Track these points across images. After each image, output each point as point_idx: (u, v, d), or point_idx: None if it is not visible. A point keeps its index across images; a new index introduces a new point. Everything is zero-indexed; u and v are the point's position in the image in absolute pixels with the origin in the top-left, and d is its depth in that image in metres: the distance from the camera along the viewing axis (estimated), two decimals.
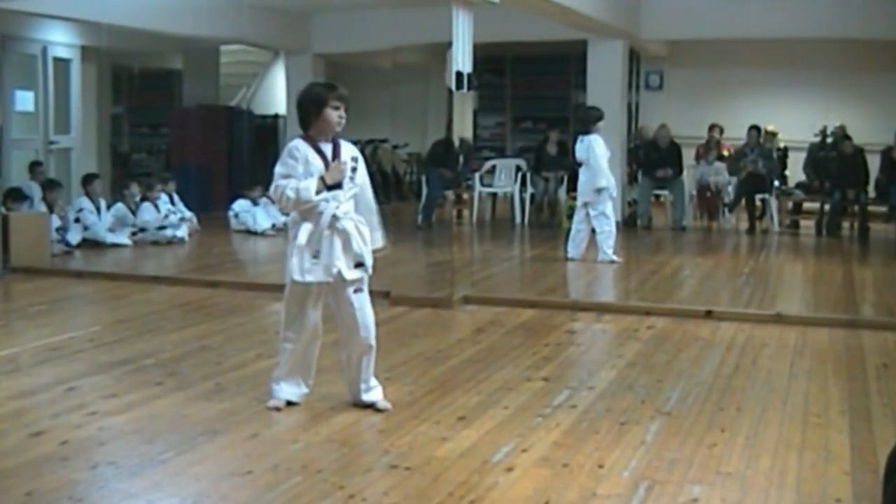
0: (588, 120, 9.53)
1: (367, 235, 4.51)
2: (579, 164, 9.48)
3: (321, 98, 4.41)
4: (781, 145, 13.69)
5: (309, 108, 4.43)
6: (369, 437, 4.27)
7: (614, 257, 9.32)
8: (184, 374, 5.21)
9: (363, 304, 4.50)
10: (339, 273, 4.40)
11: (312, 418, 4.43)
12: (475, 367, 5.44)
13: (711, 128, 13.84)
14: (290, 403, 4.58)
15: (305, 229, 4.40)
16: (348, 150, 4.50)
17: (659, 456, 3.94)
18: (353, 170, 4.47)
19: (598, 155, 9.23)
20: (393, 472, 3.74)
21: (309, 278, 4.41)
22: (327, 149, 4.43)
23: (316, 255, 4.38)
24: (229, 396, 4.76)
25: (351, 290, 4.45)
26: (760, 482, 3.67)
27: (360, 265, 4.45)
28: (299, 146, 4.42)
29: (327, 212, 4.37)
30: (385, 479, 3.67)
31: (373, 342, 4.53)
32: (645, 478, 3.69)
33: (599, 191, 9.31)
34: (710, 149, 13.44)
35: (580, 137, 9.48)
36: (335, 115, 4.40)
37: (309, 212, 4.39)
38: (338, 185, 4.41)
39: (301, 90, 4.54)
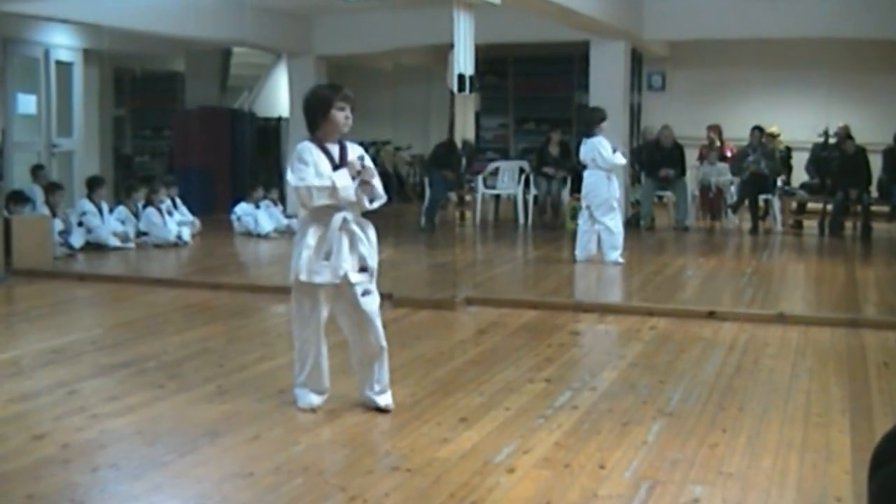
0: (591, 121, 9.51)
1: (374, 239, 4.52)
2: (584, 167, 9.46)
3: (326, 99, 4.43)
4: (783, 147, 13.68)
5: (315, 110, 4.44)
6: (371, 438, 4.27)
7: (620, 259, 9.29)
8: (185, 377, 5.22)
9: (372, 307, 4.51)
10: (346, 275, 4.40)
11: (314, 420, 4.44)
12: (477, 368, 5.44)
13: (710, 128, 13.87)
14: (312, 410, 4.61)
15: (315, 230, 4.41)
16: (354, 151, 4.51)
17: (661, 456, 3.94)
18: (359, 170, 4.44)
19: (606, 157, 9.19)
20: (394, 474, 3.74)
21: (317, 279, 4.42)
22: (334, 150, 4.45)
23: (326, 257, 4.39)
24: (231, 398, 4.77)
25: (358, 292, 4.46)
26: (762, 482, 3.67)
27: (364, 269, 4.45)
28: (311, 149, 4.42)
29: (338, 214, 4.38)
30: (386, 481, 3.67)
31: (384, 343, 4.55)
32: (646, 478, 3.69)
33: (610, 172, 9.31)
34: (711, 149, 13.45)
35: (584, 140, 9.46)
36: (341, 116, 4.42)
37: (321, 212, 4.40)
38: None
39: (306, 93, 4.55)
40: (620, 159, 9.36)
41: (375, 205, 4.52)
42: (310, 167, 4.37)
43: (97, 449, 4.03)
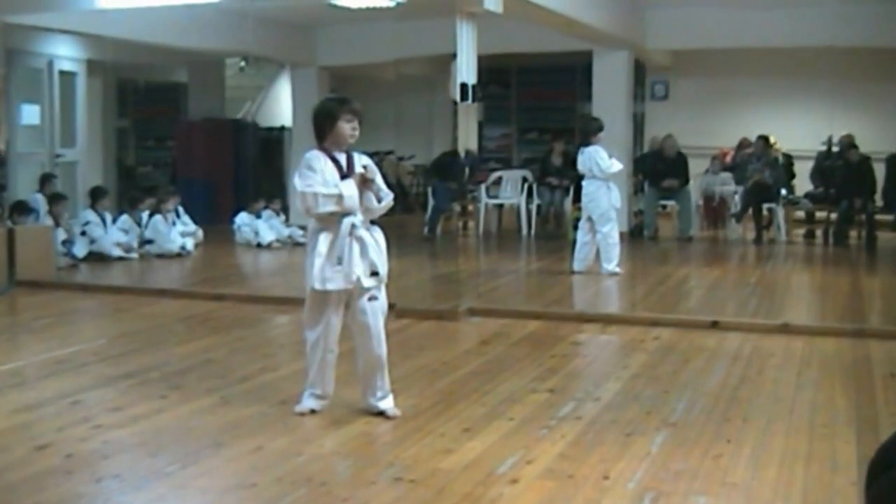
0: (588, 131, 9.54)
1: (383, 244, 4.61)
2: (582, 177, 9.46)
3: (333, 112, 4.54)
4: (780, 155, 13.64)
5: (323, 121, 4.56)
6: (374, 449, 4.26)
7: (617, 270, 9.26)
8: (188, 387, 5.21)
9: (376, 313, 4.57)
10: (358, 280, 4.49)
11: (317, 430, 4.43)
12: (480, 378, 5.42)
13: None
14: (312, 411, 4.67)
15: (325, 238, 4.50)
16: (360, 161, 4.61)
17: (664, 467, 3.92)
18: (364, 180, 4.53)
19: (604, 167, 9.17)
20: (397, 485, 3.72)
21: (329, 287, 4.51)
22: (342, 159, 4.55)
23: (339, 262, 4.47)
24: (234, 409, 4.76)
25: (365, 298, 4.54)
26: (766, 493, 3.65)
27: (375, 273, 4.54)
28: (319, 157, 4.53)
29: (346, 220, 4.47)
30: (389, 492, 3.65)
31: (383, 352, 4.59)
32: (650, 489, 3.67)
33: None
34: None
35: (581, 149, 9.47)
36: (347, 128, 4.52)
37: (328, 220, 4.49)
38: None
39: (316, 105, 4.67)
40: (617, 165, 9.34)
41: (384, 203, 4.59)
42: (317, 174, 4.47)
43: (100, 459, 4.02)
